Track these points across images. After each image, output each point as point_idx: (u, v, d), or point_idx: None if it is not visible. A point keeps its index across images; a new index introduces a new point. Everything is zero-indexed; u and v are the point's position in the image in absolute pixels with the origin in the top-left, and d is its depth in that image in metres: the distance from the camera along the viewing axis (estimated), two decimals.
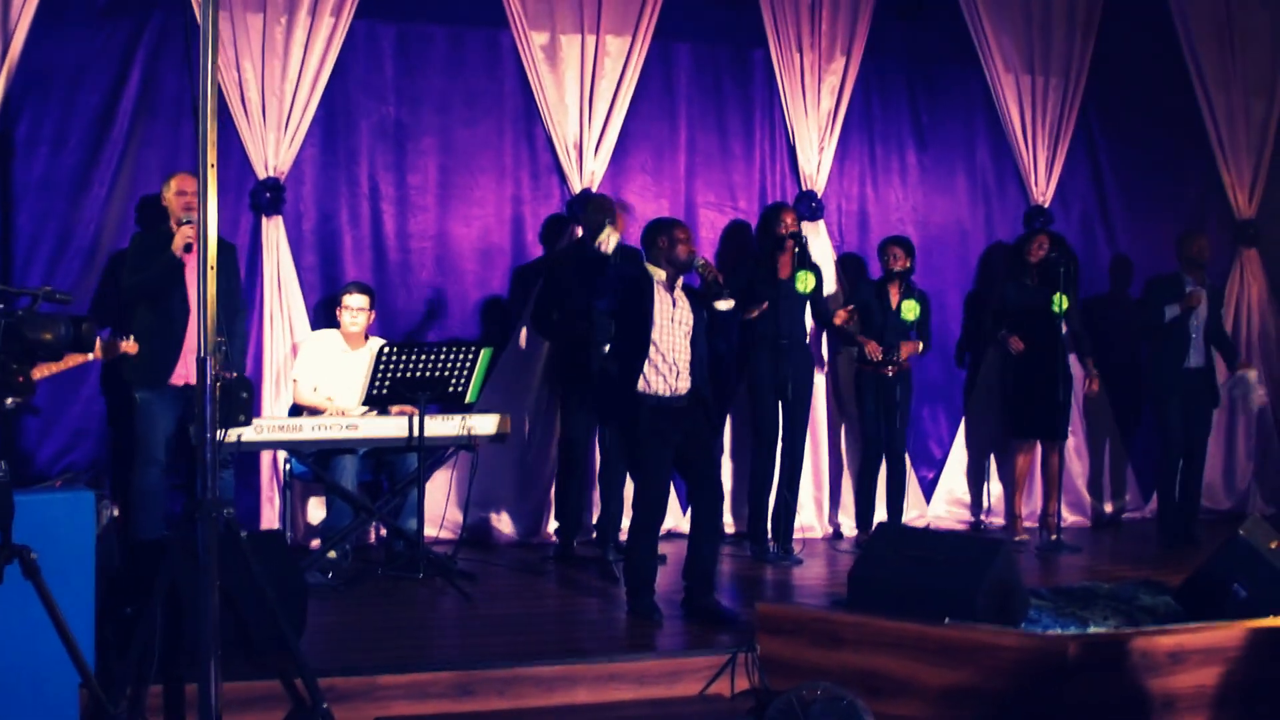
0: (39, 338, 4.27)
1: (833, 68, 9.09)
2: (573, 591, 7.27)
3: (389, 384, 7.10)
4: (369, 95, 8.32)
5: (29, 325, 4.28)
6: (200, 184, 4.81)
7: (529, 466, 8.56)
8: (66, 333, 4.35)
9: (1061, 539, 8.69)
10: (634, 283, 6.54)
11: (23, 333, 4.26)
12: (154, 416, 7.09)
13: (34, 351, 4.29)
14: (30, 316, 4.31)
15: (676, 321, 6.53)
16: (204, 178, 4.81)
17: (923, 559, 5.99)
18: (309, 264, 8.21)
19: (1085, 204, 9.90)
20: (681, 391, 6.51)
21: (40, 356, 4.36)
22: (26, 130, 7.64)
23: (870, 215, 9.28)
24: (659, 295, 6.51)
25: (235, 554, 4.89)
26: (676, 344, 6.50)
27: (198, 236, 4.79)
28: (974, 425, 9.52)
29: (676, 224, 6.73)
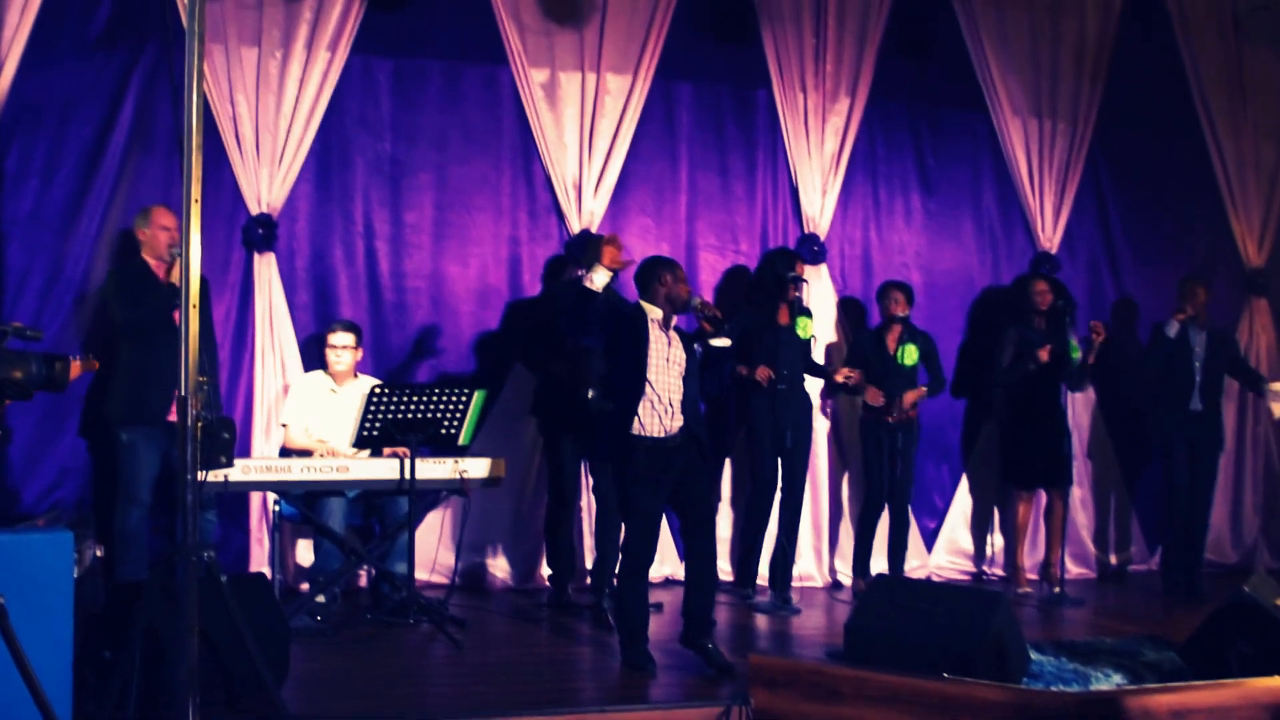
0: (7, 376, 4.11)
1: (837, 109, 8.98)
2: (565, 639, 7.10)
3: (380, 425, 6.95)
4: (365, 131, 8.22)
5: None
6: (184, 219, 4.66)
7: (524, 510, 8.40)
8: (38, 371, 4.18)
9: (1064, 591, 8.51)
10: (628, 321, 6.41)
11: None
12: (139, 456, 6.96)
13: (2, 390, 4.12)
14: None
15: (671, 361, 6.41)
16: (187, 212, 4.65)
17: (921, 612, 5.86)
18: (302, 302, 8.08)
19: (1092, 250, 9.76)
20: (675, 430, 6.37)
21: (9, 395, 4.18)
22: (16, 162, 7.52)
23: (874, 259, 9.15)
24: (654, 334, 6.39)
25: (216, 597, 4.75)
26: (671, 383, 6.38)
27: (181, 273, 4.64)
28: (977, 474, 9.36)
29: (673, 263, 6.61)
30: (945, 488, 9.34)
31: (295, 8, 7.93)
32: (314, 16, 7.96)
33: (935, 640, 5.67)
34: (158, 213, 7.08)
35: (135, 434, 6.96)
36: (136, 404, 6.90)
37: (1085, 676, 6.07)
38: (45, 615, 4.89)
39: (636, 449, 6.26)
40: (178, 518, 4.65)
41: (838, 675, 5.62)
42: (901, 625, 5.83)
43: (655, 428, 6.32)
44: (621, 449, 6.29)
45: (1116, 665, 6.32)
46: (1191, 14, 9.91)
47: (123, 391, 6.98)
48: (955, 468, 9.37)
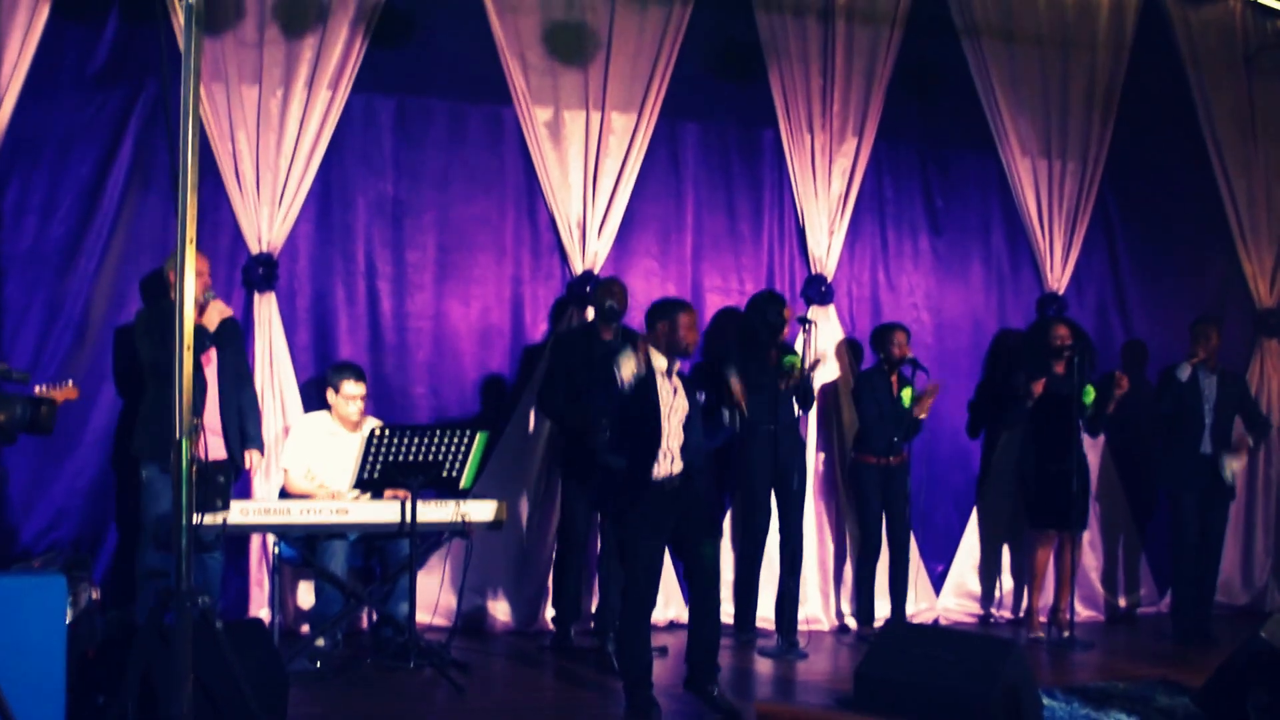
0: None
1: (844, 149, 8.90)
2: (568, 684, 6.98)
3: (380, 467, 6.84)
4: (366, 170, 8.13)
5: None
6: (179, 257, 4.58)
7: (527, 552, 8.28)
8: (23, 414, 4.06)
9: (1074, 635, 8.40)
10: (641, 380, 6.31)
11: None
12: (159, 494, 6.86)
13: None
14: None
15: (674, 409, 6.36)
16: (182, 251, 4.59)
17: (932, 658, 5.75)
18: (302, 343, 7.98)
19: (1101, 290, 9.67)
20: (675, 474, 6.32)
21: None
22: (14, 199, 7.44)
23: (882, 301, 9.05)
24: (660, 383, 6.33)
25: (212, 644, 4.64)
26: (673, 431, 6.33)
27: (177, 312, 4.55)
28: (986, 516, 9.24)
29: (682, 308, 6.51)
30: (953, 530, 9.21)
31: (296, 45, 7.85)
32: (315, 54, 7.87)
33: (948, 688, 5.56)
34: None
35: (155, 471, 6.89)
36: (161, 442, 6.79)
37: None
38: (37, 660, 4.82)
39: (639, 493, 6.19)
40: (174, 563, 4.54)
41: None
42: (913, 672, 5.71)
43: (656, 472, 6.25)
44: (627, 496, 6.22)
45: (1129, 711, 6.23)
46: (1202, 51, 9.82)
47: (147, 429, 6.94)
48: (964, 510, 9.24)
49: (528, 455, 8.23)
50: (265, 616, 7.55)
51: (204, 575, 7.18)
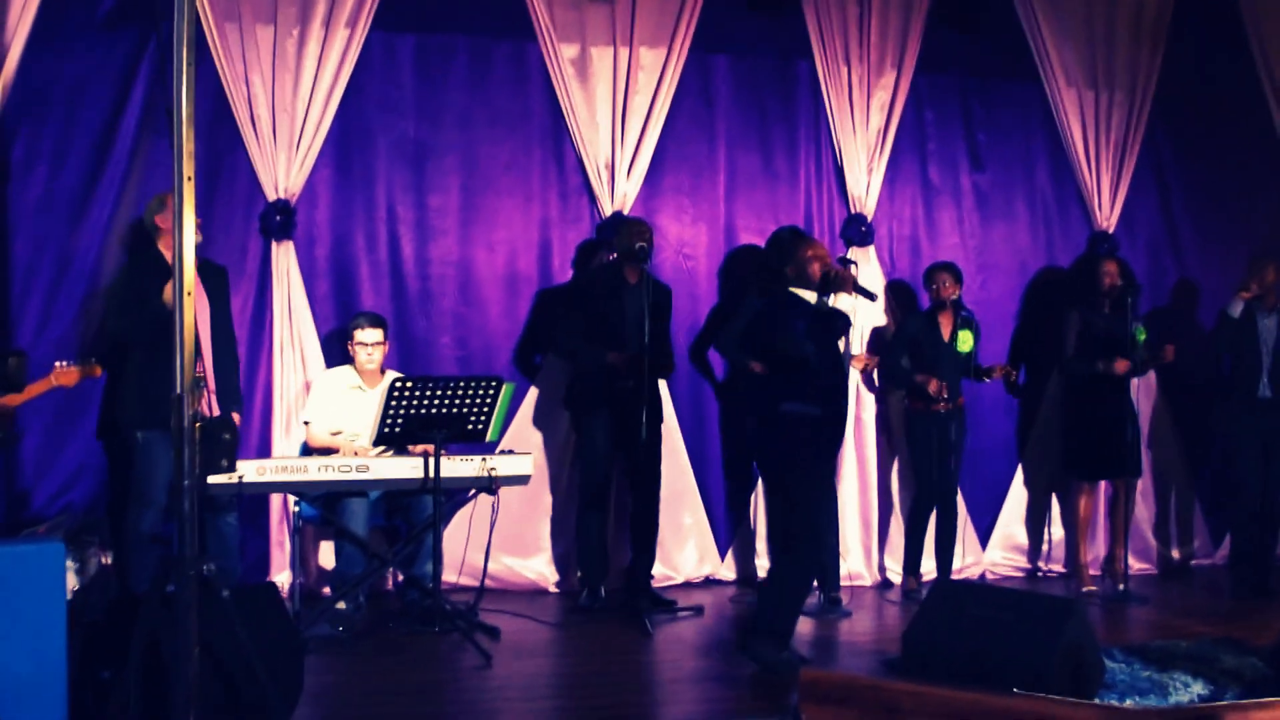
0: None
1: (883, 82, 8.50)
2: (600, 648, 6.67)
3: (402, 421, 6.55)
4: (386, 112, 7.81)
5: None
6: (176, 200, 4.26)
7: (558, 507, 8.01)
8: None
9: (1129, 589, 8.07)
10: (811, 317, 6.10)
11: None
12: (156, 457, 6.62)
13: None
14: None
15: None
16: (179, 192, 4.25)
17: (986, 620, 5.46)
18: (322, 292, 7.70)
19: (1153, 229, 9.26)
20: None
21: None
22: (23, 149, 7.19)
23: (922, 240, 8.68)
24: None
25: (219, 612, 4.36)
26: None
27: (174, 256, 4.24)
28: (1033, 467, 8.89)
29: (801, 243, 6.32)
30: (1000, 481, 8.87)
31: None
32: None
33: (1004, 651, 5.26)
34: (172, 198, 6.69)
35: (151, 434, 6.62)
36: (149, 406, 6.54)
37: (1162, 686, 5.64)
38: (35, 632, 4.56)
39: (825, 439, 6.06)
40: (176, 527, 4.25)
41: (897, 691, 5.19)
42: (966, 635, 5.42)
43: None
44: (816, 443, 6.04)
45: (1194, 672, 5.88)
46: None
47: (135, 394, 6.66)
48: (1010, 460, 8.90)
49: (555, 406, 7.93)
50: (287, 579, 7.32)
51: (219, 539, 6.93)
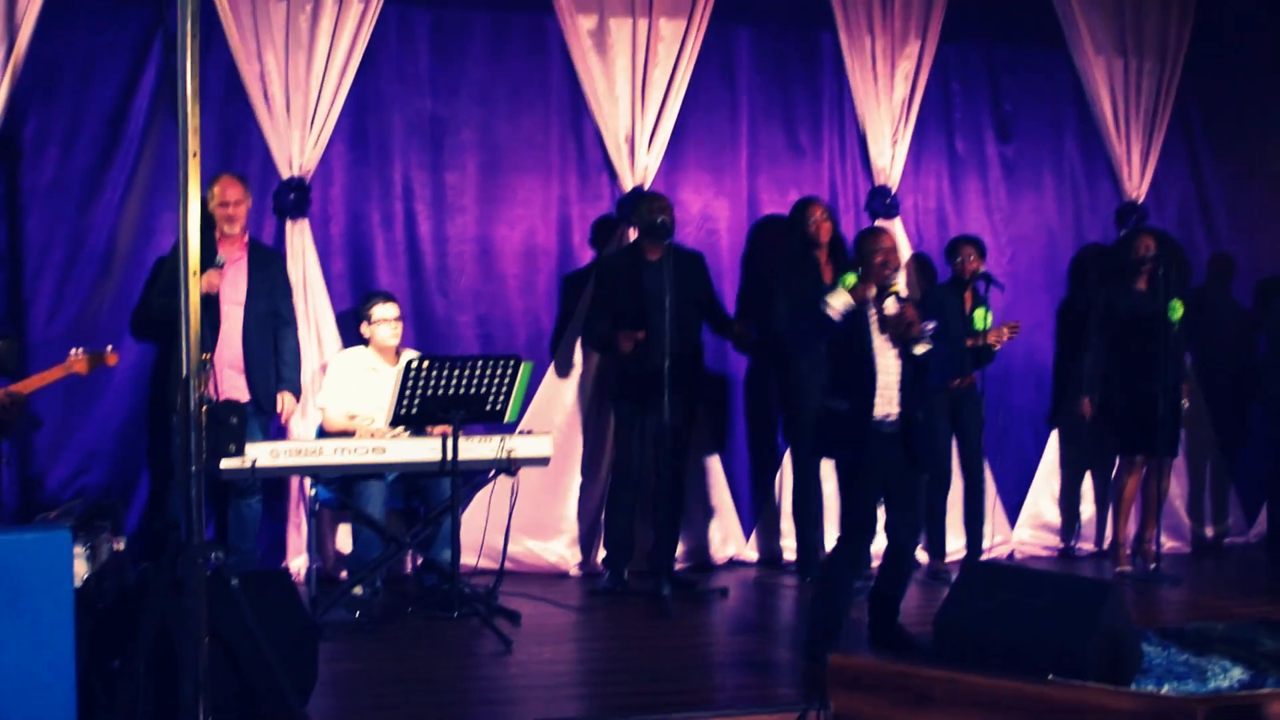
0: None
1: (907, 52, 8.32)
2: (623, 633, 6.54)
3: (419, 402, 6.42)
4: (402, 87, 7.65)
5: None
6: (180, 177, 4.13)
7: (580, 488, 7.87)
8: None
9: (1161, 568, 7.92)
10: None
11: None
12: None
13: None
14: None
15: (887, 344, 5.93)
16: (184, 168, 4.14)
17: (1020, 604, 5.31)
18: (338, 271, 7.57)
19: (1183, 199, 9.07)
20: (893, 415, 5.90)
21: None
22: (34, 130, 7.06)
23: (948, 213, 8.50)
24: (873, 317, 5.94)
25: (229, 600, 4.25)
26: (888, 368, 5.89)
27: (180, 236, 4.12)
28: (1064, 444, 8.73)
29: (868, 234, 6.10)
30: (1029, 458, 8.70)
31: None
32: None
33: (1038, 636, 5.12)
34: (221, 184, 6.78)
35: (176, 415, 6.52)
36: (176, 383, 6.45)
37: (1200, 671, 5.50)
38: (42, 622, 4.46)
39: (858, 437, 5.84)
40: (182, 514, 4.14)
41: (928, 677, 5.03)
42: (999, 619, 5.27)
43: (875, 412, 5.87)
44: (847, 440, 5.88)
45: (1233, 656, 5.74)
46: None
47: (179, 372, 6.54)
48: (1040, 436, 8.73)
49: (577, 386, 7.81)
50: (303, 563, 7.22)
51: (240, 522, 6.86)
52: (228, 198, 6.75)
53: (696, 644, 6.30)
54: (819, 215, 7.53)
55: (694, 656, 6.07)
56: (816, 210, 7.57)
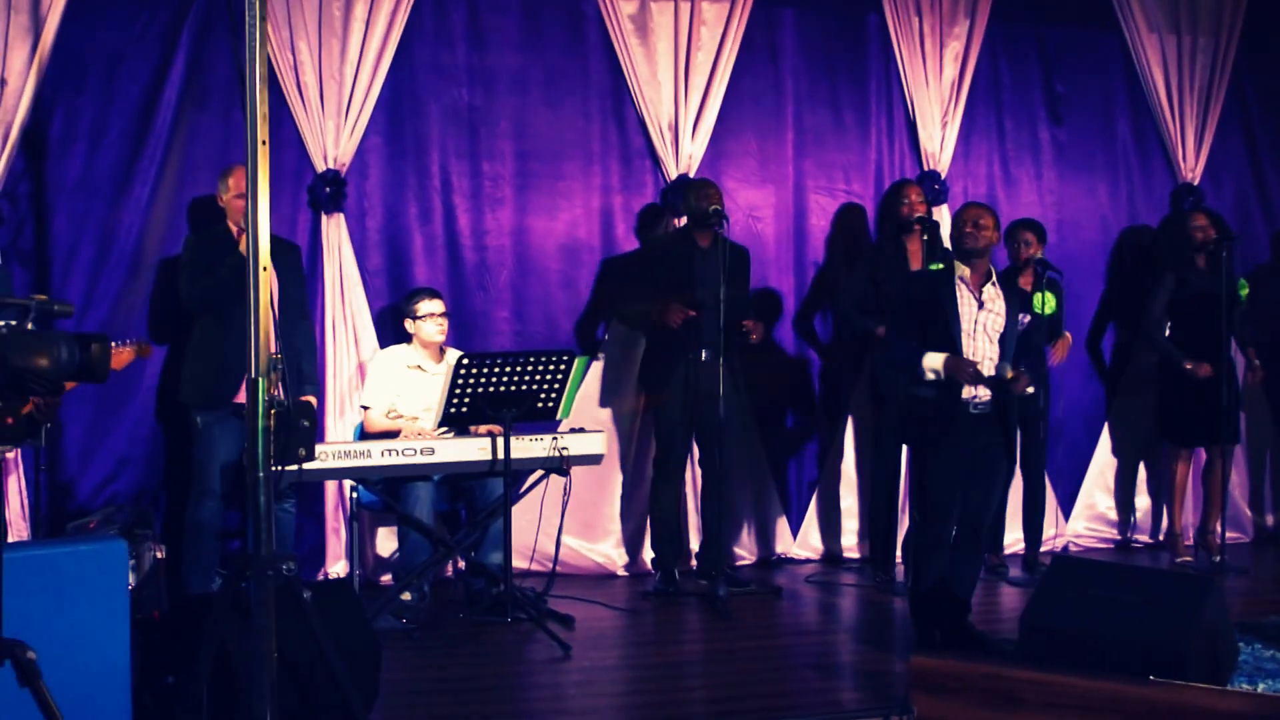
0: (30, 364, 3.23)
1: (955, 32, 8.08)
2: (684, 637, 6.36)
3: (469, 401, 6.18)
4: (438, 76, 7.42)
5: (17, 348, 3.22)
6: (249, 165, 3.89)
7: (626, 486, 7.63)
8: (69, 357, 3.30)
9: (1226, 560, 7.67)
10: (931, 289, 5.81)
11: (8, 359, 3.22)
12: (213, 441, 6.35)
13: (24, 383, 3.27)
14: (18, 336, 3.25)
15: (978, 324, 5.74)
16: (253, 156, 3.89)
17: (1114, 601, 5.06)
18: (375, 266, 7.33)
19: (1240, 180, 8.82)
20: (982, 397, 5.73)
21: (34, 388, 3.32)
22: (61, 126, 6.82)
23: (1000, 197, 8.24)
24: (961, 294, 5.74)
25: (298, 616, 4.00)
26: (977, 349, 5.71)
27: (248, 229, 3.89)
28: (1118, 433, 8.49)
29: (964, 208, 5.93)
30: (1082, 449, 8.47)
31: None
32: None
33: (1135, 635, 4.87)
34: (237, 175, 6.42)
35: (210, 417, 6.35)
36: (207, 385, 6.33)
37: None
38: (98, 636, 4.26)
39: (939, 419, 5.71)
40: (250, 524, 3.91)
41: (1019, 678, 4.81)
42: (1090, 617, 5.03)
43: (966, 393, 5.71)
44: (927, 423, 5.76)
45: None
46: None
47: (194, 372, 6.41)
48: (1093, 427, 8.50)
49: (622, 381, 7.57)
50: (343, 568, 7.02)
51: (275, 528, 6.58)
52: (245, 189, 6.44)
53: (761, 647, 6.06)
54: (915, 197, 7.31)
55: (761, 660, 5.83)
56: (913, 192, 7.35)
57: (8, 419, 3.21)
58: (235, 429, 6.31)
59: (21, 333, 3.24)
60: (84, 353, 3.35)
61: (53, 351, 3.27)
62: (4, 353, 3.17)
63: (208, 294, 6.28)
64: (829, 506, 7.97)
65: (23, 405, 3.28)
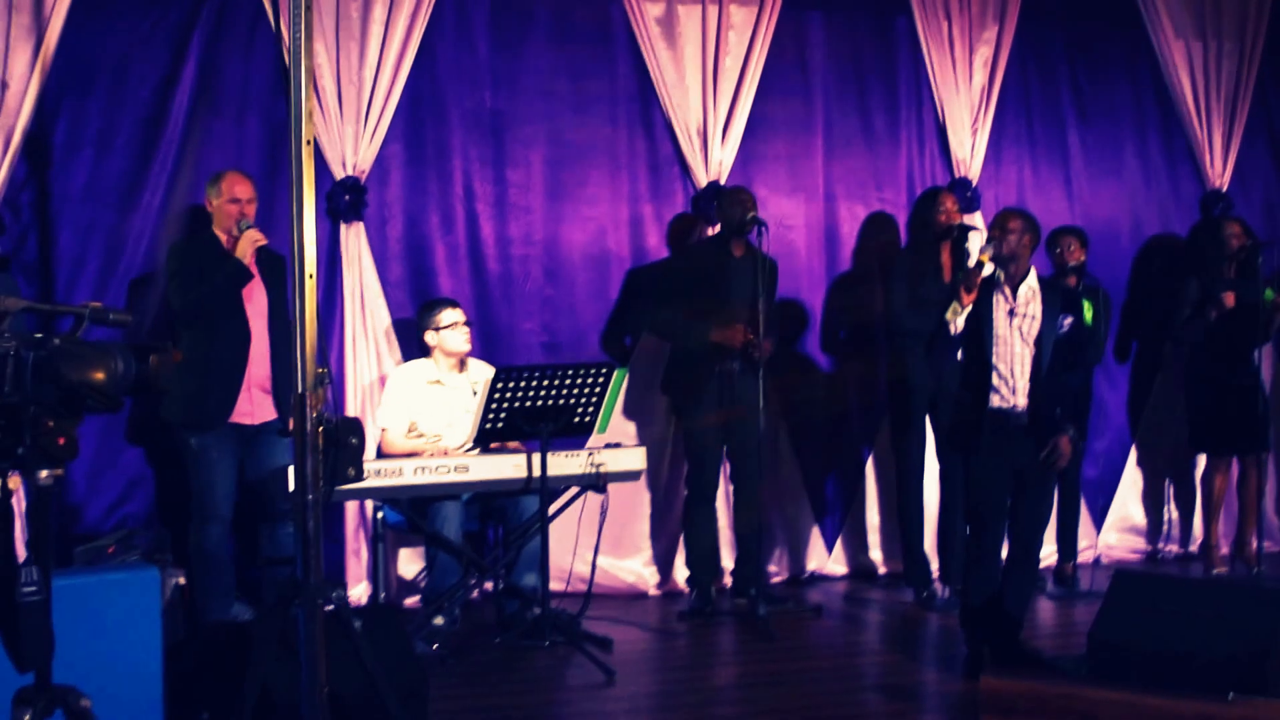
0: (86, 378, 2.96)
1: (985, 36, 7.90)
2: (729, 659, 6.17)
3: (504, 416, 5.95)
4: (460, 80, 7.20)
5: (70, 360, 2.96)
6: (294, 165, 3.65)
7: (656, 503, 7.41)
8: (126, 369, 3.03)
9: (1263, 571, 7.51)
10: None
11: (63, 373, 2.95)
12: (213, 464, 6.05)
13: (79, 399, 3.01)
14: (72, 348, 3.00)
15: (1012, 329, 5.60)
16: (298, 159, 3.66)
17: (1186, 616, 4.86)
18: (396, 277, 7.10)
19: (1266, 186, 8.66)
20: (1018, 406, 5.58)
21: (90, 405, 3.06)
22: (66, 132, 6.58)
23: (1030, 204, 8.02)
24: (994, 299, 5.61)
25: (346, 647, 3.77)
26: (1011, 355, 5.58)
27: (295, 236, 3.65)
28: (1149, 441, 8.32)
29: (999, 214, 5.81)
30: (1114, 459, 8.30)
31: None
32: None
33: (1211, 651, 4.67)
34: (229, 180, 6.16)
35: (205, 438, 6.04)
36: (199, 404, 5.99)
37: None
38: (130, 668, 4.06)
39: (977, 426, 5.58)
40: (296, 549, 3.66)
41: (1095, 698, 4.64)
42: (1163, 633, 4.83)
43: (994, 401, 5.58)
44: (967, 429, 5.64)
45: None
46: None
47: (183, 389, 5.90)
48: (1124, 436, 8.33)
49: (650, 394, 7.34)
50: (364, 591, 6.78)
51: (277, 550, 6.29)
52: (237, 194, 6.13)
53: (814, 668, 5.85)
54: (950, 205, 7.12)
55: (817, 683, 5.61)
56: (948, 200, 7.17)
57: (59, 439, 2.95)
58: (233, 449, 6.09)
59: (76, 344, 2.99)
60: (141, 364, 3.11)
61: (109, 364, 3.02)
62: (58, 366, 2.91)
63: (204, 303, 5.99)
64: (858, 521, 7.77)
65: (76, 423, 3.02)
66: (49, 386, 2.89)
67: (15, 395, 2.85)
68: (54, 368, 2.95)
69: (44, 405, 2.90)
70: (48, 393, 2.89)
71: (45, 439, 2.90)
